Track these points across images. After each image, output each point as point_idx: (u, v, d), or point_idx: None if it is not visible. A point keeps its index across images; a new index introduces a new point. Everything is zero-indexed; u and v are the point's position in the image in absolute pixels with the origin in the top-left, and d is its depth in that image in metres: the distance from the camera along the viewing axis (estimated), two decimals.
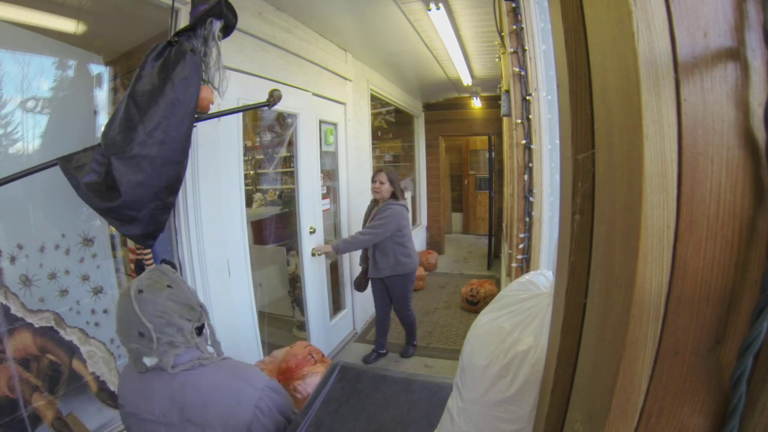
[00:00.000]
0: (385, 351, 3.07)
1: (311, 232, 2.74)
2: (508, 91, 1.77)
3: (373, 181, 2.73)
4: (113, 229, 1.45)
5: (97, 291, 1.49)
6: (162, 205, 1.20)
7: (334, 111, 3.08)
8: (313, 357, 1.75)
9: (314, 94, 2.70)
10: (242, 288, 2.04)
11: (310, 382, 1.67)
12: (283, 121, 2.84)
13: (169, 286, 0.94)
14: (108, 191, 1.12)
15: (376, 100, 4.20)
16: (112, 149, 1.12)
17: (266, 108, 1.51)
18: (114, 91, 1.73)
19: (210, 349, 1.01)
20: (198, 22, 1.22)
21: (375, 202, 2.82)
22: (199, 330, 0.99)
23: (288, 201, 3.37)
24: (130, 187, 1.12)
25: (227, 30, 1.32)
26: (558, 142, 0.46)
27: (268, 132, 3.01)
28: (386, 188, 2.67)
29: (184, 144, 1.21)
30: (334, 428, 1.15)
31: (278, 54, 2.26)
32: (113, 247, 1.62)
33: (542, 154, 1.45)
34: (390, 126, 5.66)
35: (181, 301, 0.94)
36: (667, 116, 0.28)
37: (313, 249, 2.72)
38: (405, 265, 2.77)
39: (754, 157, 0.27)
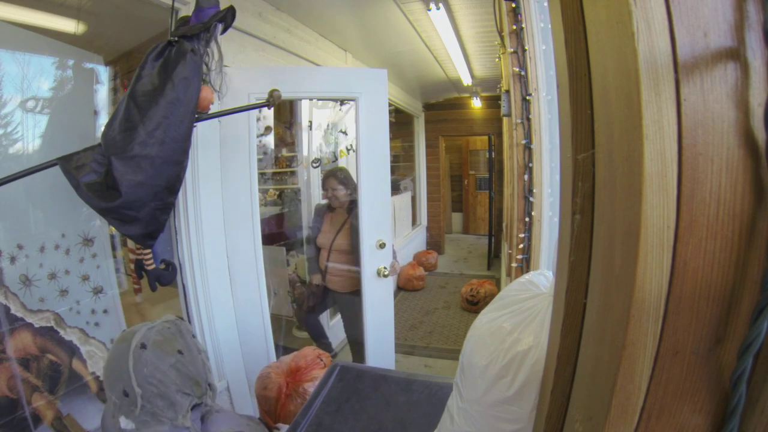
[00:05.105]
0: None
1: (380, 247, 2.10)
2: (508, 91, 1.77)
3: (324, 189, 2.37)
4: (113, 229, 1.45)
5: (97, 291, 1.49)
6: (162, 205, 1.21)
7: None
8: (322, 360, 1.75)
9: None
10: (250, 289, 2.01)
11: None
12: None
13: (179, 352, 0.81)
14: (108, 191, 1.12)
15: None
16: (112, 149, 1.12)
17: (267, 108, 1.51)
18: (114, 91, 1.73)
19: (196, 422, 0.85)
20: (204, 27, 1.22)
21: (328, 207, 2.44)
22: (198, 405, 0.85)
23: (288, 201, 3.37)
24: (130, 187, 1.12)
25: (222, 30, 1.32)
26: (558, 142, 0.46)
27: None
28: (342, 193, 2.34)
29: (185, 144, 1.21)
30: (334, 428, 1.15)
31: (278, 54, 2.26)
32: (113, 247, 1.62)
33: (542, 154, 1.45)
34: (390, 126, 5.65)
35: (187, 373, 0.81)
36: (667, 116, 0.28)
37: (382, 270, 2.12)
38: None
39: (754, 157, 0.27)
